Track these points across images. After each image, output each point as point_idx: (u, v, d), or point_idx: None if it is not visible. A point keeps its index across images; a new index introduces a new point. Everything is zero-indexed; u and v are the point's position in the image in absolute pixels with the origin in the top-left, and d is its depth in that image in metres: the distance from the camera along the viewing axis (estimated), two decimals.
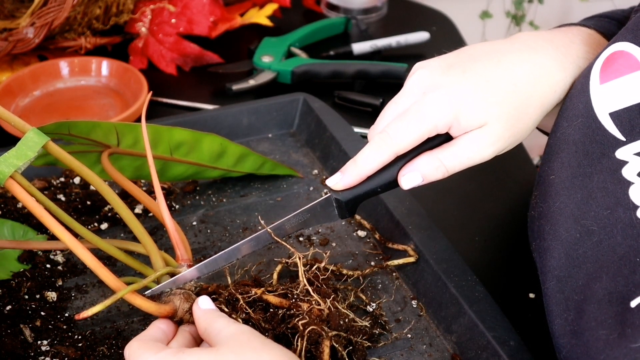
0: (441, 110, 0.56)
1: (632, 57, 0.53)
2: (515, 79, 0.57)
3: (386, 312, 0.65)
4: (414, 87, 0.59)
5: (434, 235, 0.70)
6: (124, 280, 0.58)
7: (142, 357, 0.51)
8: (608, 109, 0.53)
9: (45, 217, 0.56)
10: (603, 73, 0.54)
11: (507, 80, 0.57)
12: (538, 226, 0.58)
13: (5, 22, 0.99)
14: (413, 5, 1.31)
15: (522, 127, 0.58)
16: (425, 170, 0.58)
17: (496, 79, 0.57)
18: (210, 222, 0.75)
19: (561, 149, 0.56)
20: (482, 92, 0.56)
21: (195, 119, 0.85)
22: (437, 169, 0.58)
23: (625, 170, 0.51)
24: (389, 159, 0.58)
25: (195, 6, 1.06)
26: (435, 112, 0.56)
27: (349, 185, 0.59)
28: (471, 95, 0.56)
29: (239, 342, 0.51)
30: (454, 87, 0.57)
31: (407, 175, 0.58)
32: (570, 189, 0.55)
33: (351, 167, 0.58)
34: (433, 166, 0.57)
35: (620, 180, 0.51)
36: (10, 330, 0.62)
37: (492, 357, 0.58)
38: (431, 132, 0.57)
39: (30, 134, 0.58)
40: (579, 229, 0.53)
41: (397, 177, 0.59)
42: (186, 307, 0.57)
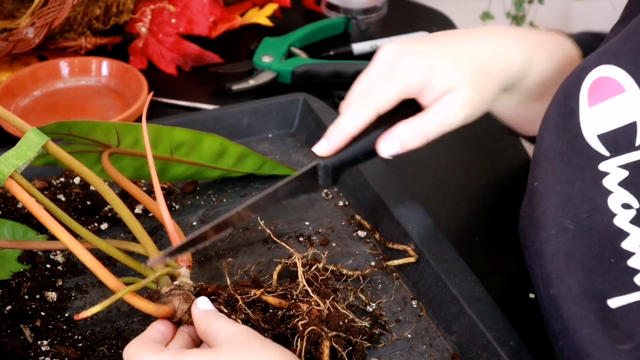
0: (416, 69, 0.60)
1: (616, 81, 0.55)
2: (478, 51, 0.63)
3: (386, 312, 0.65)
4: (387, 56, 0.63)
5: (434, 235, 0.70)
6: (123, 280, 0.58)
7: (141, 357, 0.51)
8: (596, 131, 0.56)
9: (44, 217, 0.56)
10: (591, 96, 0.57)
11: (470, 50, 0.63)
12: (526, 233, 0.60)
13: (5, 22, 0.99)
14: (413, 5, 1.31)
15: (485, 94, 0.63)
16: (402, 136, 0.60)
17: (461, 49, 0.63)
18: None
19: (547, 159, 0.59)
20: (450, 57, 0.62)
21: (195, 119, 0.85)
22: (415, 135, 0.60)
23: (607, 180, 0.54)
24: (371, 118, 0.60)
25: (195, 6, 1.06)
26: (411, 71, 0.60)
27: (336, 147, 0.61)
28: (441, 59, 0.61)
29: (238, 343, 0.51)
30: (425, 52, 0.61)
31: (385, 142, 0.60)
32: (551, 193, 0.57)
33: (335, 129, 0.60)
34: (411, 132, 0.60)
35: (601, 189, 0.54)
36: (10, 331, 0.62)
37: (492, 357, 0.58)
38: (407, 90, 0.60)
39: (30, 134, 0.58)
40: (555, 227, 0.56)
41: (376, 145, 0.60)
42: (185, 308, 0.57)
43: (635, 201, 0.53)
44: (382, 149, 0.60)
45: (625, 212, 0.53)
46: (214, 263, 0.70)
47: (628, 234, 0.52)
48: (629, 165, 0.54)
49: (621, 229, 0.53)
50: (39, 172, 0.78)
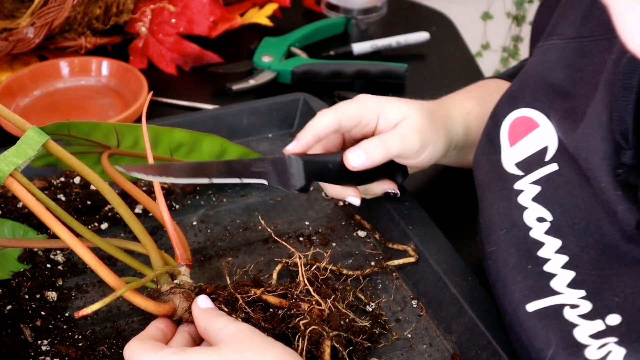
0: (372, 100, 0.69)
1: (530, 119, 0.63)
2: (423, 103, 0.72)
3: (386, 312, 0.65)
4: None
5: (434, 235, 0.70)
6: (123, 279, 0.58)
7: (142, 356, 0.51)
8: (514, 161, 0.63)
9: (44, 215, 0.56)
10: (511, 137, 0.64)
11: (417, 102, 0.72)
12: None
13: (5, 22, 0.99)
14: (413, 5, 1.31)
15: (436, 129, 0.70)
16: (368, 146, 0.66)
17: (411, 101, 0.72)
18: (210, 222, 0.75)
19: (478, 187, 0.67)
20: (401, 100, 0.71)
21: (195, 119, 0.85)
22: (378, 145, 0.66)
23: (521, 197, 0.60)
24: (334, 123, 0.66)
25: (195, 6, 1.06)
26: (368, 99, 0.69)
27: (304, 144, 0.66)
28: (393, 99, 0.70)
29: (240, 341, 0.51)
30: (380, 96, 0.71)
31: (353, 152, 0.66)
32: (479, 218, 0.65)
33: (303, 131, 0.66)
34: (374, 143, 0.66)
35: (517, 205, 0.60)
36: (10, 330, 0.62)
37: (492, 357, 0.58)
38: (365, 112, 0.68)
39: (30, 133, 0.58)
40: (483, 253, 0.63)
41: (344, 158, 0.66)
42: (185, 306, 0.57)
43: (548, 213, 0.58)
44: (349, 157, 0.65)
45: (540, 224, 0.58)
46: (214, 263, 0.70)
47: (543, 244, 0.57)
48: (540, 179, 0.59)
49: (536, 239, 0.58)
50: (39, 172, 0.78)
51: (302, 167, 0.64)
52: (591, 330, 0.51)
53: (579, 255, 0.55)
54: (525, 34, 1.94)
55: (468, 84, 0.81)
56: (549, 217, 0.58)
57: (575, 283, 0.54)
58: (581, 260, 0.55)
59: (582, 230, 0.55)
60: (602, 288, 0.52)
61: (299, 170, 0.64)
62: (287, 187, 0.64)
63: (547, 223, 0.58)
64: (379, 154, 0.66)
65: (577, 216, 0.56)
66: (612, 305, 0.51)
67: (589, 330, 0.51)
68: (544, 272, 0.56)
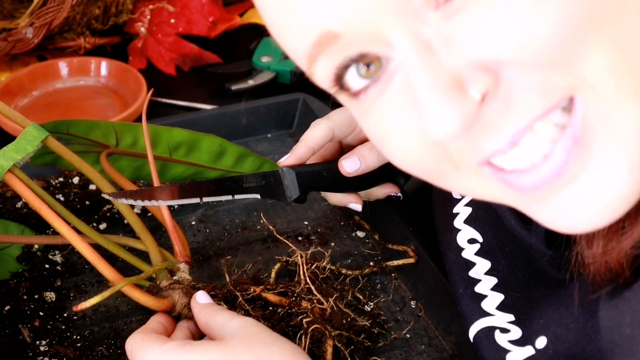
0: None
1: None
2: None
3: (385, 312, 0.65)
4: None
5: (434, 235, 0.70)
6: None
7: (146, 349, 0.51)
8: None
9: (43, 210, 0.56)
10: None
11: None
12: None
13: (4, 22, 0.99)
14: None
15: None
16: (361, 151, 0.65)
17: None
18: (209, 222, 0.75)
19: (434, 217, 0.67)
20: None
21: (194, 119, 0.85)
22: (371, 149, 0.65)
23: (456, 220, 0.61)
24: (328, 133, 0.66)
25: (195, 6, 1.06)
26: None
27: (297, 157, 0.65)
28: None
29: (248, 335, 0.51)
30: None
31: (347, 159, 0.65)
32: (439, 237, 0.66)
33: (297, 144, 0.66)
34: (367, 147, 0.65)
35: (452, 228, 0.61)
36: (8, 331, 0.62)
37: None
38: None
39: (30, 129, 0.59)
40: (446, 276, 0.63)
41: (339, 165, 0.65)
42: (184, 302, 0.57)
43: (479, 235, 0.59)
44: (344, 164, 0.65)
45: (471, 246, 0.59)
46: (213, 263, 0.70)
47: (474, 264, 0.58)
48: (472, 201, 0.60)
49: (468, 259, 0.58)
50: (37, 172, 0.78)
51: (295, 178, 0.64)
52: (522, 355, 0.51)
53: (508, 277, 0.55)
54: None
55: None
56: (480, 239, 0.58)
57: (505, 306, 0.55)
58: (510, 283, 0.55)
59: (511, 252, 0.56)
60: (530, 312, 0.53)
61: (293, 182, 0.64)
62: (282, 199, 0.64)
63: (478, 244, 0.58)
64: (374, 159, 0.65)
65: (506, 238, 0.56)
66: (538, 328, 0.51)
67: (521, 356, 0.51)
68: (475, 293, 0.57)
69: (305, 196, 0.65)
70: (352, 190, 0.68)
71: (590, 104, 0.34)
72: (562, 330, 0.48)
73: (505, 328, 0.53)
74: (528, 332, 0.52)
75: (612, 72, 0.34)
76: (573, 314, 0.48)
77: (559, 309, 0.49)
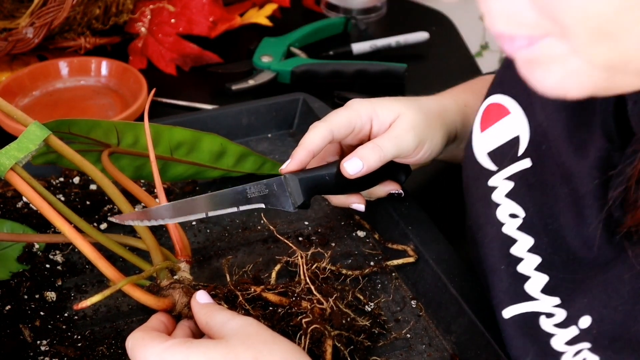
0: (362, 104, 0.68)
1: (502, 105, 0.61)
2: (417, 98, 0.72)
3: (385, 312, 0.65)
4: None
5: (434, 235, 0.70)
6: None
7: (146, 347, 0.51)
8: (486, 149, 0.61)
9: (44, 208, 0.56)
10: (482, 123, 0.63)
11: (406, 98, 0.71)
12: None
13: (4, 22, 0.99)
14: (413, 5, 1.31)
15: (431, 124, 0.69)
16: (362, 153, 0.65)
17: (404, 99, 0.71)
18: (209, 222, 0.75)
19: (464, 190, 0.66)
20: (392, 99, 0.70)
21: (195, 118, 0.85)
22: (373, 149, 0.65)
23: (495, 194, 0.59)
24: (327, 135, 0.66)
25: (195, 6, 1.06)
26: (358, 104, 0.68)
27: (298, 162, 0.65)
28: (384, 100, 0.70)
29: (248, 334, 0.51)
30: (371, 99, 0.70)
31: (348, 161, 0.65)
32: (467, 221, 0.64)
33: (297, 148, 0.66)
34: (369, 148, 0.65)
35: (490, 202, 0.59)
36: (9, 331, 0.62)
37: (491, 357, 0.58)
38: (356, 118, 0.67)
39: (32, 127, 0.59)
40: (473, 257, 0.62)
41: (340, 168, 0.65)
42: (185, 302, 0.57)
43: (520, 210, 0.57)
44: (345, 166, 0.65)
45: (512, 220, 0.57)
46: (213, 263, 0.70)
47: (516, 240, 0.56)
48: (514, 176, 0.58)
49: (509, 235, 0.57)
50: (38, 172, 0.78)
51: (299, 184, 0.64)
52: (567, 337, 0.51)
53: (552, 258, 0.55)
54: None
55: None
56: (522, 214, 0.57)
57: (550, 289, 0.54)
58: (554, 263, 0.54)
59: (554, 231, 0.55)
60: (575, 293, 0.52)
61: (296, 188, 0.64)
62: (286, 206, 0.64)
63: (520, 220, 0.57)
64: (375, 159, 0.65)
65: (549, 216, 0.55)
66: (582, 307, 0.51)
67: (565, 337, 0.51)
68: (518, 274, 0.56)
69: (309, 202, 0.65)
70: (354, 190, 0.69)
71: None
72: (608, 312, 0.48)
73: (550, 313, 0.53)
74: (572, 312, 0.51)
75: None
76: (622, 296, 0.48)
77: (606, 290, 0.49)
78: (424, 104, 0.70)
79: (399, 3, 1.29)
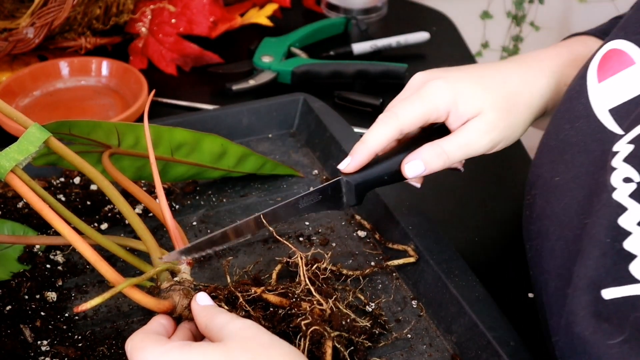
0: (442, 93, 0.61)
1: (625, 53, 0.54)
2: (506, 77, 0.63)
3: (386, 312, 0.65)
4: (416, 82, 0.65)
5: (434, 235, 0.70)
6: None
7: (146, 349, 0.50)
8: (607, 106, 0.54)
9: (45, 211, 0.55)
10: (600, 72, 0.55)
11: (498, 77, 0.63)
12: (539, 227, 0.58)
13: (5, 22, 0.99)
14: (413, 5, 1.31)
15: (514, 121, 0.62)
16: (426, 156, 0.61)
17: (489, 76, 0.63)
18: (210, 222, 0.75)
19: (565, 151, 0.57)
20: (477, 83, 0.62)
21: (195, 119, 0.85)
22: (439, 155, 0.60)
23: (615, 159, 0.52)
24: (394, 135, 0.60)
25: (195, 6, 1.06)
26: (436, 94, 0.61)
27: (360, 164, 0.61)
28: (468, 85, 0.61)
29: (246, 337, 0.51)
30: (452, 78, 0.62)
31: (410, 163, 0.61)
32: (574, 190, 0.55)
33: (359, 146, 0.61)
34: (434, 152, 0.60)
35: (607, 168, 0.52)
36: (10, 331, 0.62)
37: (492, 357, 0.58)
38: (432, 111, 0.61)
39: (32, 129, 0.59)
40: (580, 226, 0.53)
41: (401, 166, 0.61)
42: (185, 303, 0.57)
43: (636, 174, 0.50)
44: (407, 168, 0.61)
45: (626, 185, 0.50)
46: (214, 263, 0.70)
47: (626, 209, 0.49)
48: (635, 138, 0.51)
49: (620, 203, 0.50)
50: (39, 172, 0.78)
51: (354, 188, 0.62)
52: None
53: None
54: (525, 34, 1.94)
55: None
56: (637, 178, 0.49)
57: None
58: None
59: None
60: None
61: (351, 191, 0.62)
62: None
63: (634, 185, 0.49)
64: (439, 165, 0.61)
65: None
66: None
67: None
68: (624, 251, 0.48)
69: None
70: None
71: None
72: None
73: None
74: None
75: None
76: None
77: None
78: (512, 90, 0.62)
79: (400, 3, 1.29)
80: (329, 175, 0.82)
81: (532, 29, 1.92)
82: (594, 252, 0.49)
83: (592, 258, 0.49)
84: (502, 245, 0.78)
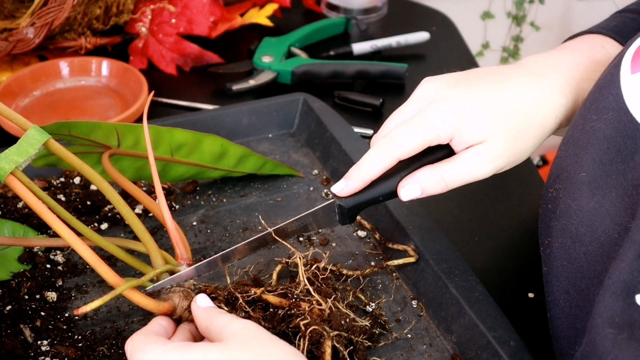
0: (445, 119, 0.57)
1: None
2: (518, 99, 0.59)
3: (386, 312, 0.65)
4: (421, 98, 0.60)
5: (434, 235, 0.70)
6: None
7: (146, 349, 0.51)
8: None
9: (44, 213, 0.56)
10: (634, 63, 0.52)
11: (510, 99, 0.58)
12: (564, 224, 0.55)
13: (5, 22, 0.99)
14: (413, 5, 1.31)
15: (522, 147, 0.59)
16: (424, 182, 0.59)
17: (500, 98, 0.58)
18: (210, 223, 0.75)
19: (591, 144, 0.54)
20: (485, 108, 0.58)
21: (196, 119, 0.85)
22: (437, 182, 0.59)
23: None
24: (392, 163, 0.58)
25: (195, 6, 1.06)
26: (439, 120, 0.57)
27: (354, 190, 0.59)
28: (475, 110, 0.57)
29: (246, 337, 0.51)
30: (459, 101, 0.58)
31: (406, 187, 0.59)
32: (604, 188, 0.52)
33: (355, 172, 0.59)
34: (433, 179, 0.58)
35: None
36: (10, 331, 0.62)
37: (492, 357, 0.58)
38: (433, 140, 0.58)
39: (31, 131, 0.59)
40: (617, 229, 0.50)
41: (397, 188, 0.60)
42: (185, 305, 0.57)
43: None
44: (402, 192, 0.59)
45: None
46: None
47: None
48: None
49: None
50: (39, 172, 0.78)
51: (347, 211, 0.61)
52: None
53: None
54: (526, 34, 1.94)
55: None
56: None
57: None
58: None
59: None
60: None
61: (345, 212, 0.61)
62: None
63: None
64: (436, 191, 0.59)
65: None
66: None
67: None
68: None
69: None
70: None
71: None
72: None
73: None
74: None
75: None
76: None
77: None
78: (523, 115, 0.58)
79: (400, 3, 1.29)
80: (329, 175, 0.82)
81: (532, 29, 1.92)
82: (629, 254, 0.46)
83: (625, 260, 0.46)
84: (503, 245, 0.77)
